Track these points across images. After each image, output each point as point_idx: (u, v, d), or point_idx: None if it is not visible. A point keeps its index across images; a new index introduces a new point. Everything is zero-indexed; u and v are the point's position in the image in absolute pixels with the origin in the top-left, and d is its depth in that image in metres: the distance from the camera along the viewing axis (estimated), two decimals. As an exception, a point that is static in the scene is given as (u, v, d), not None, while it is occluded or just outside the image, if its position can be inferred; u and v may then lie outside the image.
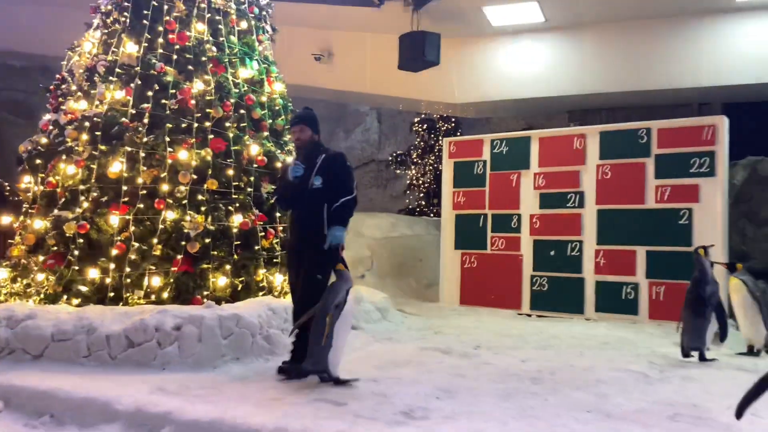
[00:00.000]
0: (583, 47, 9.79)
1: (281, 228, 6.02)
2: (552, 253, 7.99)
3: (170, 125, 5.62)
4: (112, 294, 5.19)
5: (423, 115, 15.55)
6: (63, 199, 5.58)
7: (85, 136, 5.62)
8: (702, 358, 5.04)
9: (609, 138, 7.81)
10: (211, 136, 5.76)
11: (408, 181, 16.14)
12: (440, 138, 14.22)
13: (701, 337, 5.06)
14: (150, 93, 5.66)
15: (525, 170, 8.33)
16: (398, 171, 16.78)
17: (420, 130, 15.88)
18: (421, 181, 15.61)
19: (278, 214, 6.06)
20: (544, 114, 12.98)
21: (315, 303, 4.33)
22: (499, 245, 8.44)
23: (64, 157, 5.73)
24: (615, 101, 10.16)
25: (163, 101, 5.68)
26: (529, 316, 7.91)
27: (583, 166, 7.90)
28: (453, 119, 15.28)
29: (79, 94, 5.96)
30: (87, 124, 5.64)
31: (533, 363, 4.85)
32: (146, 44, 5.85)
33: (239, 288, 5.60)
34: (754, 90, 9.16)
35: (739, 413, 2.71)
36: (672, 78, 9.31)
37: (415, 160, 15.87)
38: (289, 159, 5.34)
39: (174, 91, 5.72)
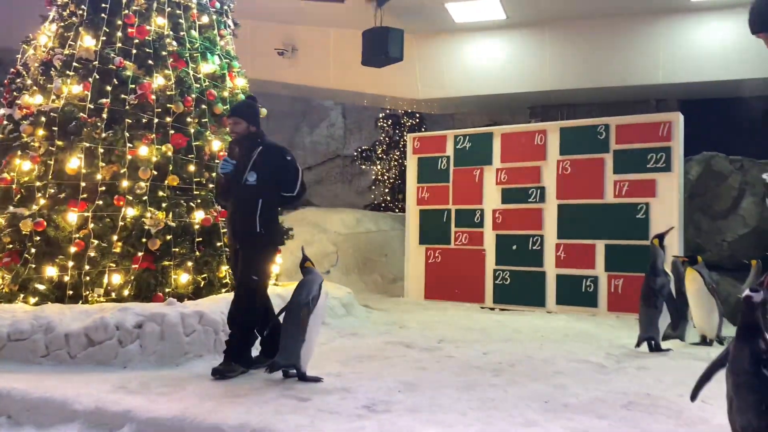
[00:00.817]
0: (543, 44, 9.93)
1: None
2: (514, 247, 8.11)
3: (130, 121, 5.55)
4: (71, 292, 5.11)
5: (388, 111, 15.58)
6: (18, 196, 5.47)
7: (41, 132, 5.52)
8: (657, 348, 5.19)
9: (569, 134, 7.95)
10: (171, 132, 5.70)
11: (373, 177, 16.17)
12: (405, 133, 14.27)
13: (653, 327, 5.21)
14: (108, 88, 5.58)
15: (488, 166, 8.42)
16: (363, 166, 16.79)
17: (385, 125, 15.90)
18: (386, 177, 15.65)
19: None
20: (507, 110, 13.13)
21: (248, 304, 4.36)
22: (463, 240, 8.53)
23: (19, 152, 5.61)
24: (575, 98, 10.34)
25: (123, 96, 5.60)
26: (492, 309, 8.02)
27: (544, 161, 8.03)
28: (417, 115, 15.34)
29: (35, 88, 5.84)
30: (43, 119, 5.54)
31: (494, 355, 4.94)
32: (104, 38, 5.75)
33: (202, 285, 5.56)
34: (708, 87, 9.41)
35: (693, 396, 2.88)
36: (630, 75, 9.50)
37: (380, 155, 15.91)
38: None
39: (133, 86, 5.64)
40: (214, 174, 5.87)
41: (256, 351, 4.62)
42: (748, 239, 8.16)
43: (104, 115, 5.50)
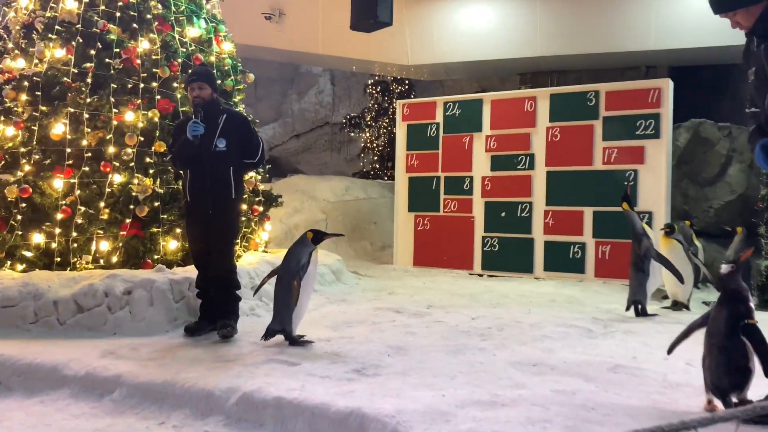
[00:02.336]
0: (534, 10, 9.83)
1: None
2: (503, 214, 8.13)
3: (115, 85, 5.44)
4: (58, 259, 5.08)
5: (377, 78, 15.45)
6: (2, 162, 5.39)
7: (24, 97, 5.41)
8: (643, 312, 5.25)
9: (558, 100, 7.92)
10: (158, 97, 5.62)
11: (362, 144, 16.10)
12: (394, 100, 14.17)
13: (641, 290, 5.26)
14: (92, 52, 5.46)
15: (477, 133, 8.39)
16: (352, 134, 16.72)
17: (374, 92, 15.80)
18: (375, 144, 15.60)
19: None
20: (497, 77, 13.05)
21: (227, 271, 4.45)
22: (452, 207, 8.54)
23: (2, 118, 5.51)
24: (565, 64, 10.28)
25: (107, 60, 5.48)
26: (481, 276, 8.08)
27: (534, 128, 8.01)
28: (407, 81, 15.24)
29: (17, 52, 5.71)
30: (26, 83, 5.43)
31: (483, 320, 4.98)
32: (87, 0, 5.61)
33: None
34: (698, 54, 9.39)
35: (670, 350, 3.13)
36: (621, 41, 9.44)
37: (369, 122, 15.82)
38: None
39: (118, 50, 5.52)
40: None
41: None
42: (735, 206, 8.23)
43: (89, 80, 5.39)
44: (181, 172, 4.77)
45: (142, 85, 5.56)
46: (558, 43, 9.75)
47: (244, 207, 5.93)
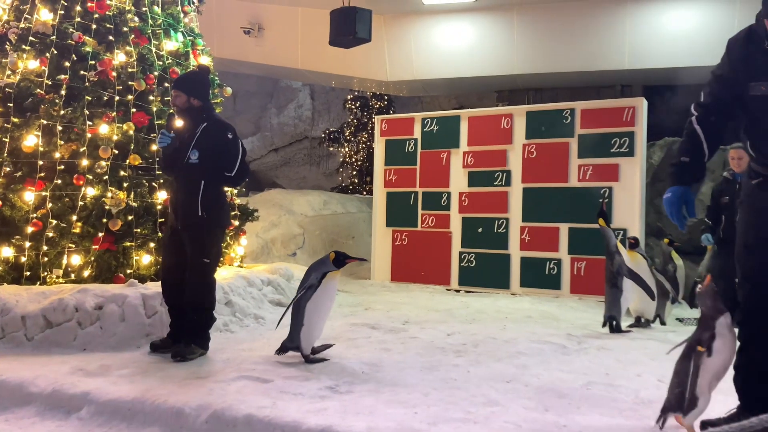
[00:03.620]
0: (511, 28, 9.95)
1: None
2: (480, 230, 8.17)
3: (90, 98, 5.40)
4: (28, 273, 4.99)
5: (356, 93, 15.51)
6: (-27, 174, 5.30)
7: (-4, 108, 5.35)
8: (617, 328, 5.28)
9: (535, 118, 8.01)
10: (133, 110, 5.58)
11: (341, 159, 16.12)
12: (373, 116, 14.23)
13: (615, 306, 5.29)
14: (67, 64, 5.42)
15: (455, 149, 8.44)
16: (331, 148, 16.73)
17: (353, 107, 15.86)
18: (354, 159, 15.63)
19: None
20: (474, 93, 13.17)
21: (203, 287, 4.26)
22: (429, 222, 8.56)
23: (-27, 129, 5.43)
24: (542, 82, 10.40)
25: (82, 73, 5.44)
26: (458, 291, 8.09)
27: (510, 145, 8.08)
28: (386, 97, 15.32)
29: (-11, 63, 5.64)
30: (-2, 94, 5.37)
31: (458, 336, 4.98)
32: (62, 12, 5.56)
33: (164, 266, 5.48)
34: (672, 73, 9.55)
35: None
36: (596, 60, 9.58)
37: (348, 137, 15.86)
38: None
39: (93, 62, 5.49)
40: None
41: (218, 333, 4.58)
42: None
43: (63, 92, 5.35)
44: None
45: (117, 98, 5.52)
46: (535, 62, 9.87)
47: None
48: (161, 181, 5.58)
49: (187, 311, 4.24)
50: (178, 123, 4.36)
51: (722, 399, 3.26)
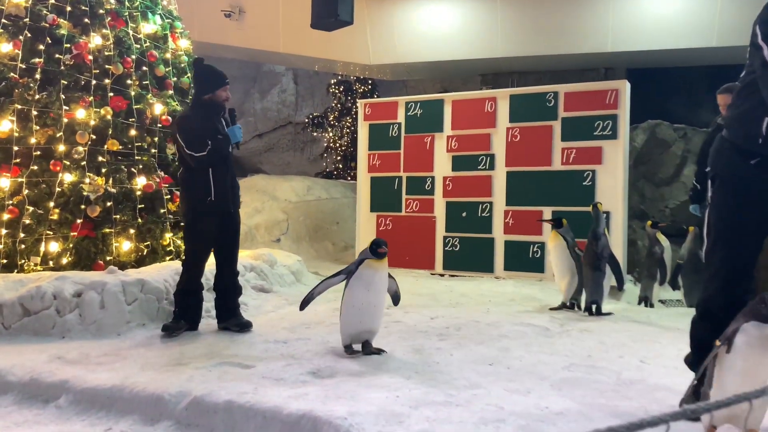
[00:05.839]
0: (494, 11, 9.89)
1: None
2: (464, 214, 8.15)
3: (65, 82, 5.30)
4: (4, 261, 4.91)
5: (340, 77, 15.39)
6: (-54, 161, 5.19)
7: (-32, 93, 5.23)
8: (598, 311, 5.30)
9: (518, 101, 7.97)
10: (111, 94, 5.48)
11: (325, 144, 16.02)
12: (357, 100, 14.13)
13: (599, 290, 5.31)
14: (41, 47, 5.30)
15: (438, 133, 8.40)
16: (315, 133, 16.62)
17: (337, 92, 15.73)
18: (338, 144, 15.54)
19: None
20: (458, 77, 13.10)
21: (237, 259, 4.75)
22: (414, 207, 8.53)
23: (-55, 114, 5.31)
24: (525, 65, 10.37)
25: (57, 56, 5.33)
26: (442, 275, 8.09)
27: (494, 129, 8.05)
28: (370, 81, 15.21)
29: (-39, 46, 5.51)
30: (-29, 79, 5.25)
31: (441, 320, 4.98)
32: (36, -6, 5.44)
33: (145, 253, 5.42)
34: (654, 56, 9.57)
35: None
36: (579, 43, 9.57)
37: (332, 122, 15.75)
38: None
39: (69, 45, 5.37)
40: (156, 138, 5.68)
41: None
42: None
43: (37, 76, 5.24)
44: (199, 171, 4.47)
45: (94, 82, 5.42)
46: (518, 45, 9.83)
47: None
48: (140, 166, 5.51)
49: (231, 287, 4.66)
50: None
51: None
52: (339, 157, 15.49)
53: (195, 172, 4.45)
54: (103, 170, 5.26)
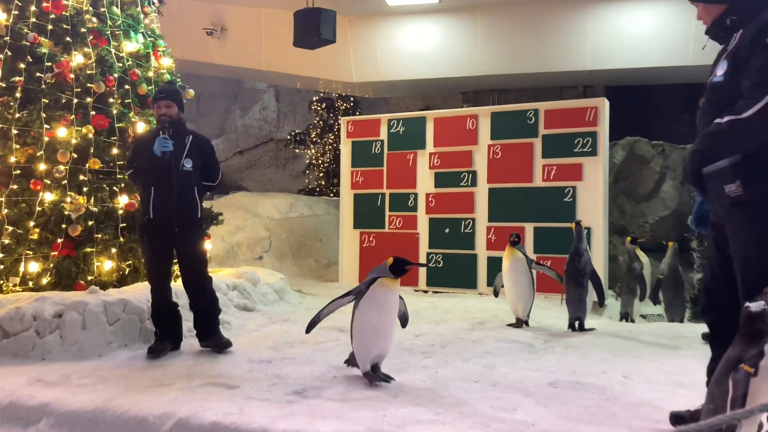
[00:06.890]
0: (475, 29, 10.01)
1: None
2: (447, 230, 8.19)
3: (46, 100, 5.27)
4: (-17, 282, 4.84)
5: (322, 94, 15.43)
6: (-77, 180, 5.12)
7: (-53, 111, 5.17)
8: (581, 327, 5.34)
9: (499, 119, 8.07)
10: (93, 113, 5.46)
11: (307, 161, 16.01)
12: (339, 117, 14.17)
13: (582, 306, 5.35)
14: (22, 65, 5.27)
15: (421, 150, 8.46)
16: (297, 150, 16.60)
17: (319, 109, 15.75)
18: (320, 161, 15.53)
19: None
20: (440, 95, 13.21)
21: (209, 288, 4.55)
22: (397, 224, 8.56)
23: (-77, 133, 5.25)
24: (506, 83, 10.48)
25: (38, 74, 5.30)
26: (426, 292, 8.10)
27: (476, 146, 8.13)
28: (352, 99, 15.26)
29: (-60, 64, 5.46)
30: (-50, 97, 5.20)
31: (426, 337, 4.98)
32: (17, 12, 5.41)
33: (127, 272, 5.37)
34: (632, 74, 9.73)
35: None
36: (559, 61, 9.70)
37: (314, 139, 15.75)
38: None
39: (50, 63, 5.35)
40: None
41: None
42: (668, 221, 8.54)
43: (18, 94, 5.20)
44: (140, 188, 4.58)
45: (75, 100, 5.39)
46: (498, 63, 9.94)
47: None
48: (122, 185, 5.47)
49: (202, 306, 4.53)
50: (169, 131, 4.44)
51: (684, 393, 3.33)
52: (321, 174, 15.48)
53: (141, 190, 4.57)
54: (85, 189, 5.22)
